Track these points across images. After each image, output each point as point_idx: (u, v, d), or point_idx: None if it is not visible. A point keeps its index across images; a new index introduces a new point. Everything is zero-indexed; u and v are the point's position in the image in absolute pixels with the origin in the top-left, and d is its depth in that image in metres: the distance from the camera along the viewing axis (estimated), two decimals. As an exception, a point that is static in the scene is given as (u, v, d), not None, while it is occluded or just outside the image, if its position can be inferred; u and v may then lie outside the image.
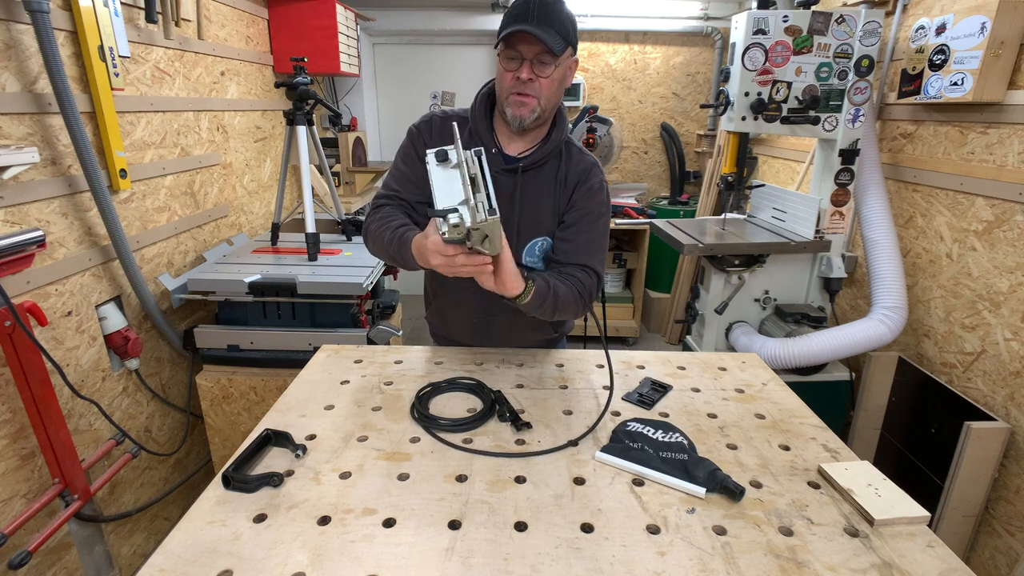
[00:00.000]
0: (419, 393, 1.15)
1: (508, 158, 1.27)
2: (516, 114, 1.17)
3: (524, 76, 1.13)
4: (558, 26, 1.10)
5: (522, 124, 1.19)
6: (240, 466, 0.90)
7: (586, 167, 1.28)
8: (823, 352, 2.06)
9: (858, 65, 2.05)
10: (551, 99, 1.19)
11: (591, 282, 1.24)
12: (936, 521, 1.82)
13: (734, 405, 1.15)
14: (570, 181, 1.27)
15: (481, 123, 1.26)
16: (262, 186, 2.74)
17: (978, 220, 1.88)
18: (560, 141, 1.27)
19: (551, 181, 1.27)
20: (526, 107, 1.16)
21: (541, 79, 1.14)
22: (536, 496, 0.87)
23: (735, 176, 2.29)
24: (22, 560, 1.30)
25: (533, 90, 1.15)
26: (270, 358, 1.95)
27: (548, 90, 1.16)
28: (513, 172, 1.24)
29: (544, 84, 1.15)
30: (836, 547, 0.78)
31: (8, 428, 1.39)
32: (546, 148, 1.25)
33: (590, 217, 1.26)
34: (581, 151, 1.31)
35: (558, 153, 1.28)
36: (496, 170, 1.22)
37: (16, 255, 1.32)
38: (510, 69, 1.15)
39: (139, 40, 1.83)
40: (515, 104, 1.17)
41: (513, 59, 1.14)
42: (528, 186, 1.26)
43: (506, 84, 1.17)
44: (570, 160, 1.29)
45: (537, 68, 1.13)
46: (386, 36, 4.04)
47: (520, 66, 1.14)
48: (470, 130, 1.27)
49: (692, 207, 3.84)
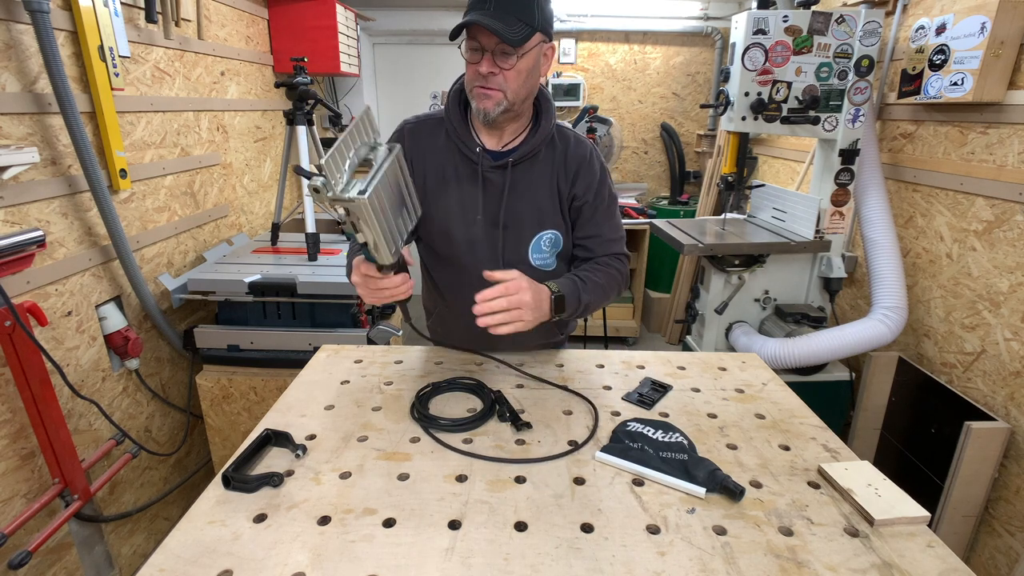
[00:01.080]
0: (419, 393, 1.15)
1: (495, 154, 1.21)
2: (480, 107, 1.11)
3: (483, 70, 1.07)
4: (520, 11, 1.02)
5: (488, 117, 1.12)
6: (240, 466, 0.90)
7: (584, 153, 1.23)
8: (823, 352, 2.06)
9: (858, 65, 2.05)
10: (519, 91, 1.11)
11: (624, 266, 1.27)
12: (936, 521, 1.82)
13: (734, 405, 1.15)
14: (570, 167, 1.22)
15: (457, 122, 1.20)
16: (262, 186, 2.75)
17: (978, 220, 1.88)
18: (550, 129, 1.21)
19: (547, 171, 1.22)
20: (490, 99, 1.10)
21: (505, 71, 1.07)
22: (536, 496, 0.87)
23: (735, 176, 2.29)
24: (22, 560, 1.30)
25: (496, 83, 1.08)
26: (270, 358, 1.95)
27: (515, 82, 1.09)
28: (503, 168, 1.19)
29: (509, 76, 1.07)
30: (836, 547, 0.78)
31: (8, 428, 1.39)
32: (535, 139, 1.19)
33: (605, 204, 1.24)
34: (578, 138, 1.26)
35: (551, 141, 1.22)
36: (485, 168, 1.19)
37: (16, 255, 1.32)
38: (472, 61, 1.09)
39: (139, 40, 1.83)
40: (479, 97, 1.11)
41: (475, 50, 1.07)
42: (522, 181, 1.21)
43: (468, 78, 1.12)
44: (567, 146, 1.23)
45: (499, 60, 1.06)
46: (386, 36, 4.04)
47: (482, 58, 1.07)
48: (447, 131, 1.21)
49: (692, 207, 3.84)
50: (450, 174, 1.22)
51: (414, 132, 1.23)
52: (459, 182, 1.21)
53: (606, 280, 1.22)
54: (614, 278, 1.25)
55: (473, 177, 1.20)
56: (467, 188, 1.21)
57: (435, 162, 1.22)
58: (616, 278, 1.25)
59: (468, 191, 1.21)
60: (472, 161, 1.19)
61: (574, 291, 1.13)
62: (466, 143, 1.19)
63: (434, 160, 1.22)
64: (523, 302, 1.02)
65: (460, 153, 1.21)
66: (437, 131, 1.23)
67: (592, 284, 1.18)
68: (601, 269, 1.23)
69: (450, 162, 1.22)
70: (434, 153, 1.22)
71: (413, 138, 1.23)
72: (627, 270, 1.29)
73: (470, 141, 1.19)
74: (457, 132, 1.19)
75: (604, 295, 1.21)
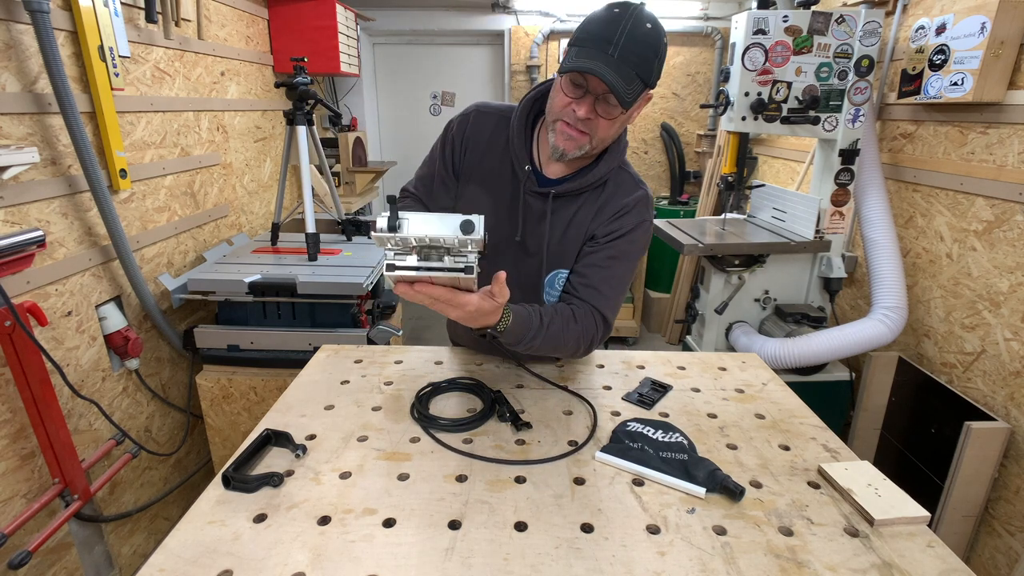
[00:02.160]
0: (419, 393, 1.15)
1: (542, 179, 1.13)
2: (559, 146, 1.02)
3: (582, 114, 0.96)
4: (642, 66, 0.91)
5: (564, 157, 1.04)
6: (240, 466, 0.90)
7: (629, 203, 1.11)
8: (823, 352, 2.06)
9: (858, 65, 2.05)
10: (607, 139, 1.03)
11: (595, 329, 1.10)
12: (936, 521, 1.82)
13: (734, 405, 1.15)
14: (606, 212, 1.11)
15: (519, 135, 1.11)
16: (262, 186, 2.75)
17: (978, 220, 1.88)
18: (605, 174, 1.10)
19: (587, 212, 1.12)
20: (574, 142, 1.01)
21: (602, 119, 0.98)
22: (536, 496, 0.87)
23: (735, 176, 2.29)
24: (22, 560, 1.30)
25: (589, 128, 0.99)
26: (270, 358, 1.95)
27: (607, 131, 1.00)
28: (544, 196, 1.11)
29: (604, 124, 0.99)
30: (836, 547, 0.78)
31: (8, 428, 1.39)
32: (585, 179, 1.09)
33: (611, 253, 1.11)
34: (635, 183, 1.13)
35: (603, 182, 1.12)
36: (528, 191, 1.12)
37: (16, 255, 1.32)
38: (569, 95, 0.97)
39: (139, 40, 1.83)
40: (562, 135, 1.01)
41: (578, 85, 0.96)
42: (560, 214, 1.12)
43: (557, 108, 1.00)
44: (616, 190, 1.12)
45: (601, 108, 0.96)
46: (386, 36, 4.04)
47: (582, 96, 0.96)
48: (507, 137, 1.13)
49: (692, 207, 3.84)
50: (495, 179, 1.16)
51: (478, 121, 1.16)
52: (501, 192, 1.16)
53: (564, 332, 1.05)
54: (574, 335, 1.07)
55: (515, 194, 1.14)
56: (506, 202, 1.15)
57: (488, 160, 1.16)
58: (578, 337, 1.08)
59: (507, 206, 1.15)
60: (518, 177, 1.13)
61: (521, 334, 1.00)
62: (519, 158, 1.11)
63: (487, 158, 1.16)
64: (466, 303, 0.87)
65: (512, 164, 1.14)
66: (502, 128, 1.15)
67: (545, 334, 1.03)
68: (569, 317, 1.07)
69: (500, 166, 1.15)
70: (490, 151, 1.16)
71: (475, 128, 1.16)
72: (599, 336, 1.11)
73: (524, 157, 1.11)
74: (515, 143, 1.11)
75: (554, 347, 1.06)
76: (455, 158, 1.18)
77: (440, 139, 1.21)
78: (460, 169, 1.19)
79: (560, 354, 1.13)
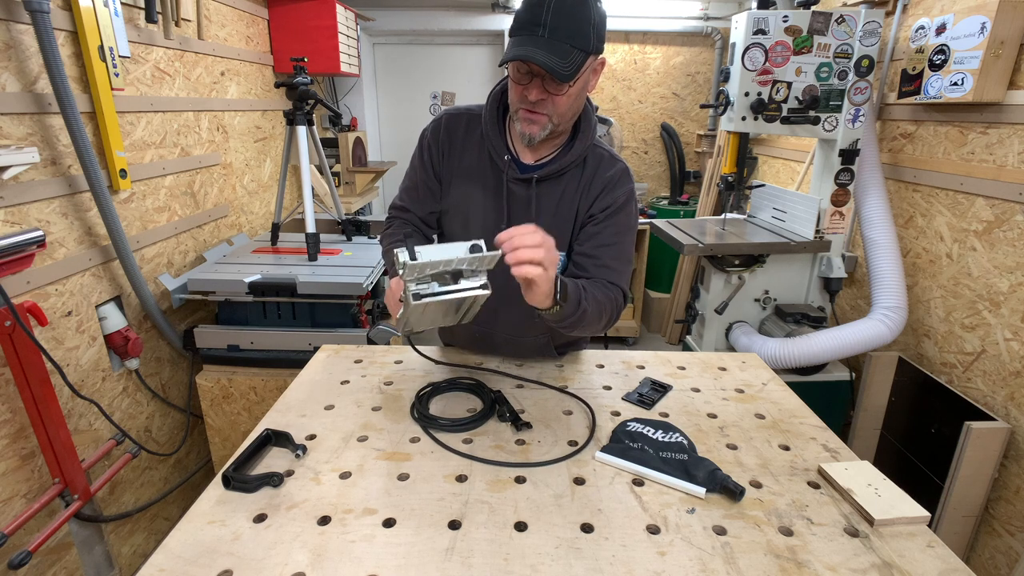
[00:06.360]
0: (419, 393, 1.15)
1: (523, 166, 1.17)
2: (525, 131, 1.07)
3: (533, 97, 1.01)
4: (576, 38, 0.94)
5: (532, 141, 1.08)
6: (240, 466, 0.90)
7: (614, 175, 1.15)
8: (823, 352, 2.06)
9: (858, 65, 2.05)
10: (566, 114, 1.06)
11: (620, 300, 1.14)
12: (936, 521, 1.82)
13: (734, 405, 1.15)
14: (593, 189, 1.15)
15: (492, 128, 1.15)
16: (262, 186, 2.75)
17: (978, 220, 1.88)
18: (583, 151, 1.14)
19: (572, 191, 1.16)
20: (536, 125, 1.05)
21: (555, 96, 1.01)
22: (536, 496, 0.87)
23: (735, 176, 2.29)
24: (22, 560, 1.30)
25: (545, 108, 1.03)
26: (270, 358, 1.95)
27: (564, 106, 1.04)
28: (528, 182, 1.14)
29: (559, 101, 1.02)
30: (836, 547, 0.78)
31: (8, 428, 1.39)
32: (565, 159, 1.13)
33: (613, 231, 1.15)
34: (612, 157, 1.18)
35: (582, 160, 1.16)
36: (510, 179, 1.15)
37: (16, 255, 1.32)
38: (519, 83, 1.02)
39: (139, 40, 1.83)
40: (525, 121, 1.06)
41: (524, 72, 1.01)
42: (545, 197, 1.16)
43: (514, 98, 1.06)
44: (597, 166, 1.16)
45: (549, 86, 1.00)
46: (386, 36, 4.04)
47: (531, 82, 1.01)
48: (481, 132, 1.17)
49: (692, 207, 3.84)
50: (477, 174, 1.19)
51: (450, 125, 1.20)
52: (485, 185, 1.19)
53: (604, 298, 1.10)
54: (611, 301, 1.12)
55: (499, 185, 1.17)
56: (491, 194, 1.18)
57: (466, 158, 1.19)
58: (611, 304, 1.12)
59: (492, 197, 1.18)
60: (499, 168, 1.16)
61: (576, 290, 1.04)
62: (497, 149, 1.15)
63: (466, 156, 1.19)
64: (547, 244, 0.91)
65: (490, 157, 1.17)
66: (474, 126, 1.19)
67: (592, 298, 1.07)
68: (600, 287, 1.12)
69: (479, 162, 1.19)
70: (467, 149, 1.19)
71: (448, 131, 1.20)
72: (622, 305, 1.15)
73: (501, 148, 1.15)
74: (490, 136, 1.15)
75: (599, 312, 1.09)
76: (435, 162, 1.22)
77: (417, 149, 1.25)
78: (442, 172, 1.22)
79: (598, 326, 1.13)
